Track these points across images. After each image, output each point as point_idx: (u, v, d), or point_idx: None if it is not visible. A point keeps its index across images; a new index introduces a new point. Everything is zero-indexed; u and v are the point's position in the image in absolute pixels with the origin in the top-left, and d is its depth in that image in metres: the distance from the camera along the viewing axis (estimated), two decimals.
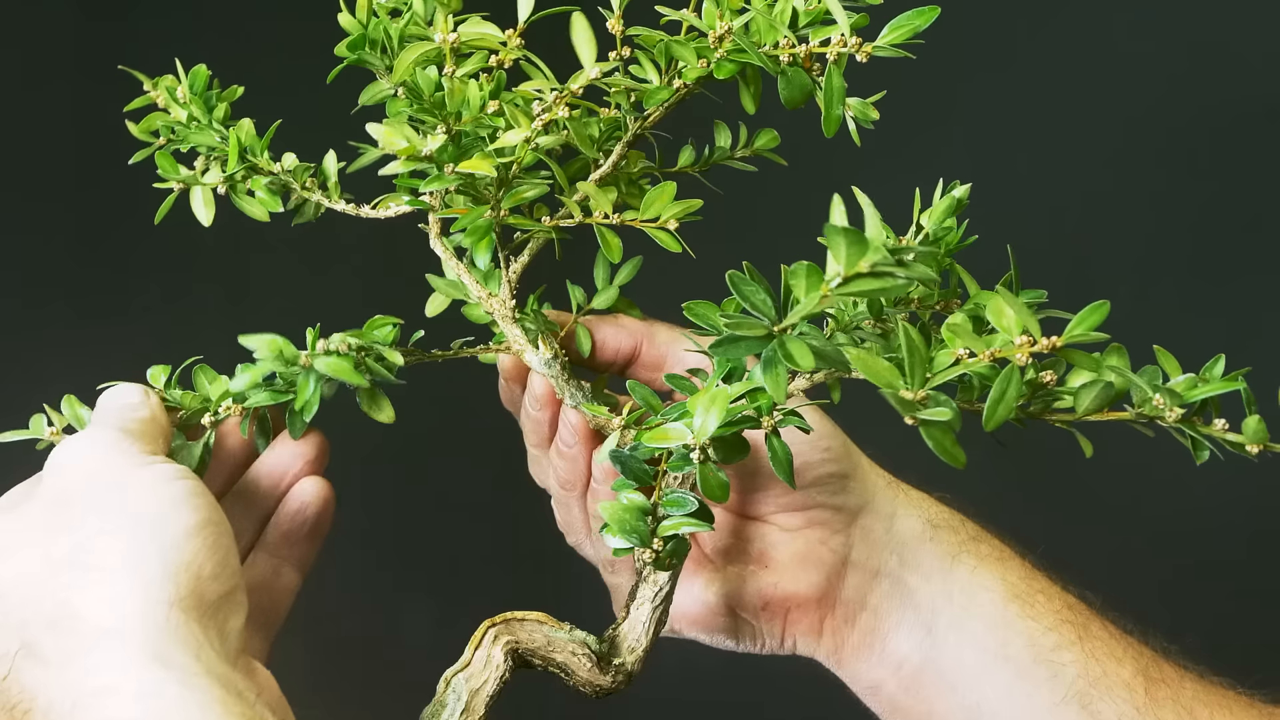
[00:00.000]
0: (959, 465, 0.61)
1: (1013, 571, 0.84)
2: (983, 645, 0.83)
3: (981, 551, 0.85)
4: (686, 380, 0.74)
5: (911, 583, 0.84)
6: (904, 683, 0.85)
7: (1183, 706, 0.80)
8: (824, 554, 0.85)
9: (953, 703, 0.83)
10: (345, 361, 0.72)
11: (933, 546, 0.85)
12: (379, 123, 0.73)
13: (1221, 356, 0.64)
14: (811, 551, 0.85)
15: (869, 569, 0.85)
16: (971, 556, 0.85)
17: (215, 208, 0.82)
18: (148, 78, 0.83)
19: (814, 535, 0.85)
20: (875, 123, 0.73)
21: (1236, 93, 1.66)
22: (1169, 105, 1.68)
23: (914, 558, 0.85)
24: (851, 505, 0.85)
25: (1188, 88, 1.67)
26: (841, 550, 0.85)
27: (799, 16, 0.74)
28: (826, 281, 0.60)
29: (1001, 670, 0.82)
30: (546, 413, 0.82)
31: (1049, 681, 0.81)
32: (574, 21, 0.75)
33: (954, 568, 0.84)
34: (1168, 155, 1.69)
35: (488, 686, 0.71)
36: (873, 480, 0.86)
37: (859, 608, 0.85)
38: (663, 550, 0.71)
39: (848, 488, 0.85)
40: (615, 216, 0.76)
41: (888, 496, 0.86)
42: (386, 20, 0.77)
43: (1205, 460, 0.63)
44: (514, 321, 0.81)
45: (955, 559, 0.84)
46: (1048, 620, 0.83)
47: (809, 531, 0.85)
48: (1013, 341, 0.61)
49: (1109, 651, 0.82)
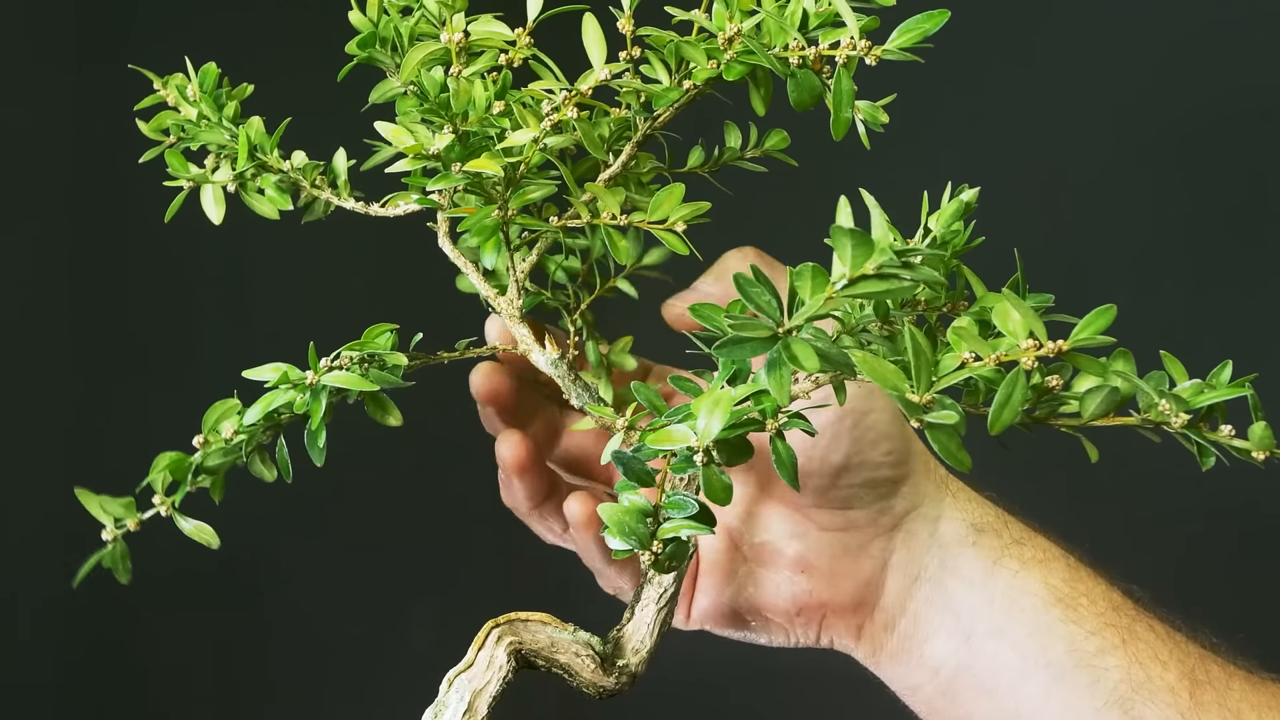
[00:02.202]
0: (964, 469, 0.61)
1: (1056, 574, 0.83)
2: (1023, 651, 0.81)
3: (1025, 555, 0.83)
4: (690, 382, 0.74)
5: (952, 588, 0.83)
6: (941, 687, 0.83)
7: (1229, 709, 0.78)
8: (863, 559, 0.84)
9: (990, 708, 0.82)
10: (352, 372, 0.73)
11: (975, 551, 0.83)
12: (390, 121, 0.73)
13: (1228, 362, 0.64)
14: (851, 557, 0.84)
15: (910, 574, 0.83)
16: (1014, 560, 0.83)
17: (225, 205, 0.83)
18: (157, 76, 0.83)
19: (855, 540, 0.84)
20: (885, 126, 0.73)
21: (1234, 93, 1.66)
22: (1167, 106, 1.68)
23: (955, 563, 0.83)
24: (900, 509, 0.83)
25: (1185, 88, 1.67)
26: (883, 555, 0.84)
27: (809, 19, 0.74)
28: (832, 283, 0.60)
29: (1041, 676, 0.81)
30: (490, 409, 0.83)
31: (1090, 687, 0.80)
32: (585, 21, 0.75)
33: (996, 572, 0.82)
34: (1166, 156, 1.68)
35: (490, 687, 0.71)
36: (924, 482, 0.84)
37: (899, 614, 0.84)
38: (662, 553, 0.71)
39: (899, 491, 0.83)
40: (623, 218, 0.76)
41: (935, 499, 0.84)
42: (397, 18, 0.78)
43: (1211, 466, 0.63)
44: (521, 321, 0.81)
45: (997, 563, 0.83)
46: (1091, 624, 0.81)
47: (849, 535, 0.84)
48: (1019, 345, 0.60)
49: (1153, 654, 0.80)
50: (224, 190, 0.82)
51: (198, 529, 0.75)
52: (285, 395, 0.74)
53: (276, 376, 0.73)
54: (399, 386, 0.76)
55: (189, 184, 0.82)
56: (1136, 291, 1.69)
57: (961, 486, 0.85)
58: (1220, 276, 1.70)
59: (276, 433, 0.77)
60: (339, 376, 0.73)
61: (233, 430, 0.75)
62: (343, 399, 0.76)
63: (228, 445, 0.75)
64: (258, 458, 0.77)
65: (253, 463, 0.77)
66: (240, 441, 0.75)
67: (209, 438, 0.75)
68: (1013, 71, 1.71)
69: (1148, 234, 1.70)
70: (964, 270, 0.75)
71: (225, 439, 0.75)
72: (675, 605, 0.77)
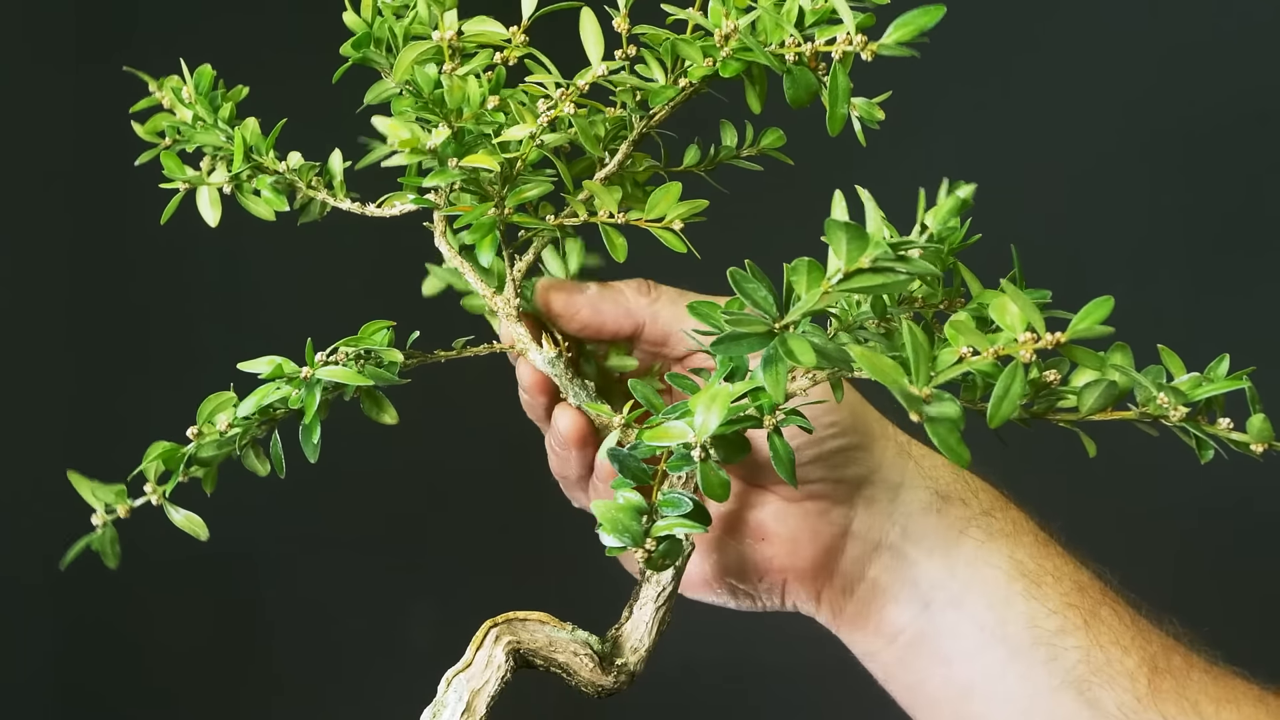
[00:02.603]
0: (964, 463, 0.61)
1: (1023, 549, 0.82)
2: (981, 623, 0.81)
3: (993, 526, 0.83)
4: (688, 379, 0.74)
5: (913, 556, 0.82)
6: (898, 654, 0.83)
7: (1187, 699, 0.79)
8: (823, 526, 0.83)
9: (944, 678, 0.82)
10: (347, 367, 0.73)
11: (938, 519, 0.82)
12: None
13: (1226, 356, 0.64)
14: (811, 525, 0.83)
15: (870, 540, 0.83)
16: (980, 531, 0.82)
17: (222, 207, 0.83)
18: (152, 78, 0.83)
19: (815, 507, 0.83)
20: (881, 122, 0.73)
21: (1230, 95, 1.66)
22: (1165, 106, 1.68)
23: (918, 530, 0.82)
24: (855, 476, 0.83)
25: (1182, 90, 1.67)
26: (843, 522, 0.83)
27: (805, 15, 0.74)
28: (828, 278, 0.60)
29: (997, 650, 0.80)
30: (542, 399, 0.82)
31: (1046, 665, 0.79)
32: (583, 17, 0.75)
33: (960, 542, 0.82)
34: (1165, 156, 1.68)
35: (489, 687, 0.71)
36: (881, 448, 0.83)
37: (857, 579, 0.84)
38: (655, 551, 0.71)
39: (853, 459, 0.82)
40: (620, 216, 0.76)
41: (897, 466, 0.83)
42: (391, 19, 0.77)
43: (1210, 460, 0.63)
44: (518, 320, 0.80)
45: (962, 533, 0.82)
46: (1053, 603, 0.80)
47: (810, 504, 0.83)
48: (1016, 339, 0.60)
49: (1115, 639, 0.80)
50: (220, 192, 0.82)
51: (188, 520, 0.75)
52: (280, 390, 0.74)
53: (271, 368, 0.73)
54: (395, 384, 0.75)
55: (185, 186, 0.82)
56: (1134, 288, 1.69)
57: (927, 452, 0.85)
58: (1219, 274, 1.70)
59: (272, 428, 0.77)
60: (334, 371, 0.73)
61: (227, 423, 0.74)
62: (339, 396, 0.76)
63: (222, 438, 0.75)
64: (252, 451, 0.77)
65: (246, 456, 0.77)
66: (235, 434, 0.75)
67: (203, 429, 0.74)
68: (1014, 69, 1.71)
69: (1147, 231, 1.70)
70: (960, 267, 0.75)
71: (220, 431, 0.75)
72: (674, 604, 0.77)
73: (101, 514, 0.75)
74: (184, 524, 0.76)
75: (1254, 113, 1.66)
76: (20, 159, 1.53)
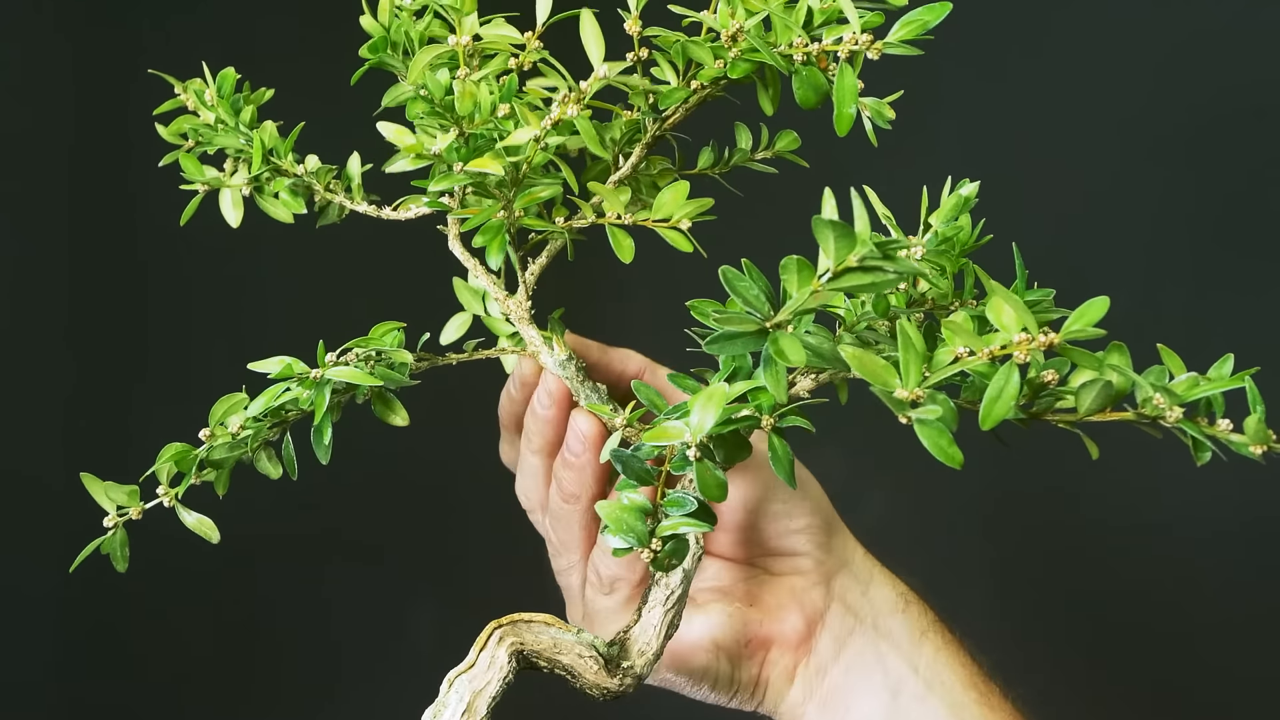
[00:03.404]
0: (955, 465, 0.60)
1: (969, 666, 0.87)
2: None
3: (945, 636, 0.88)
4: (690, 380, 0.74)
5: (883, 648, 0.87)
6: None
7: None
8: (806, 601, 0.87)
9: None
10: (357, 368, 0.74)
11: (904, 619, 0.88)
12: (403, 124, 0.74)
13: (1230, 356, 0.63)
14: (796, 598, 0.87)
15: (845, 627, 0.87)
16: (938, 636, 0.88)
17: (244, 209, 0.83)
18: (178, 80, 0.84)
19: (797, 583, 0.88)
20: (892, 122, 0.73)
21: (1228, 91, 1.64)
22: (1164, 107, 1.66)
23: (886, 625, 0.87)
24: (832, 563, 0.88)
25: (1180, 88, 1.65)
26: (819, 604, 0.87)
27: (814, 15, 0.74)
28: (818, 276, 0.59)
29: None
30: (557, 411, 0.82)
31: None
32: (582, 19, 0.75)
33: (922, 643, 0.87)
34: (1164, 157, 1.66)
35: (490, 688, 0.71)
36: (852, 546, 0.89)
37: (830, 661, 0.87)
38: (661, 550, 0.71)
39: (830, 544, 0.88)
40: (628, 217, 0.75)
41: (865, 565, 0.89)
42: (408, 22, 0.78)
43: (1207, 461, 0.62)
44: (530, 323, 0.81)
45: (924, 634, 0.87)
46: (1002, 716, 0.86)
47: (793, 579, 0.88)
48: (1012, 339, 0.60)
49: None
50: (240, 194, 0.83)
51: (200, 522, 0.76)
52: (291, 391, 0.74)
53: (280, 368, 0.74)
54: (405, 385, 0.76)
55: (204, 188, 0.83)
56: (1142, 288, 1.67)
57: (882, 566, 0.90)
58: (1228, 274, 1.68)
59: (284, 430, 0.77)
60: (343, 372, 0.73)
61: (239, 425, 0.75)
62: (351, 398, 0.77)
63: (234, 440, 0.75)
64: (264, 454, 0.77)
65: (258, 458, 0.77)
66: (246, 436, 0.75)
67: (215, 431, 0.75)
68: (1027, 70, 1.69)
69: (1156, 231, 1.69)
70: (973, 267, 0.74)
71: (232, 434, 0.75)
72: (683, 607, 0.76)
73: (113, 515, 0.76)
74: (196, 526, 0.76)
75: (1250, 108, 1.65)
76: (20, 159, 1.55)
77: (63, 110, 1.56)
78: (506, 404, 0.87)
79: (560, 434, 0.83)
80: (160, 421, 0.82)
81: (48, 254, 1.57)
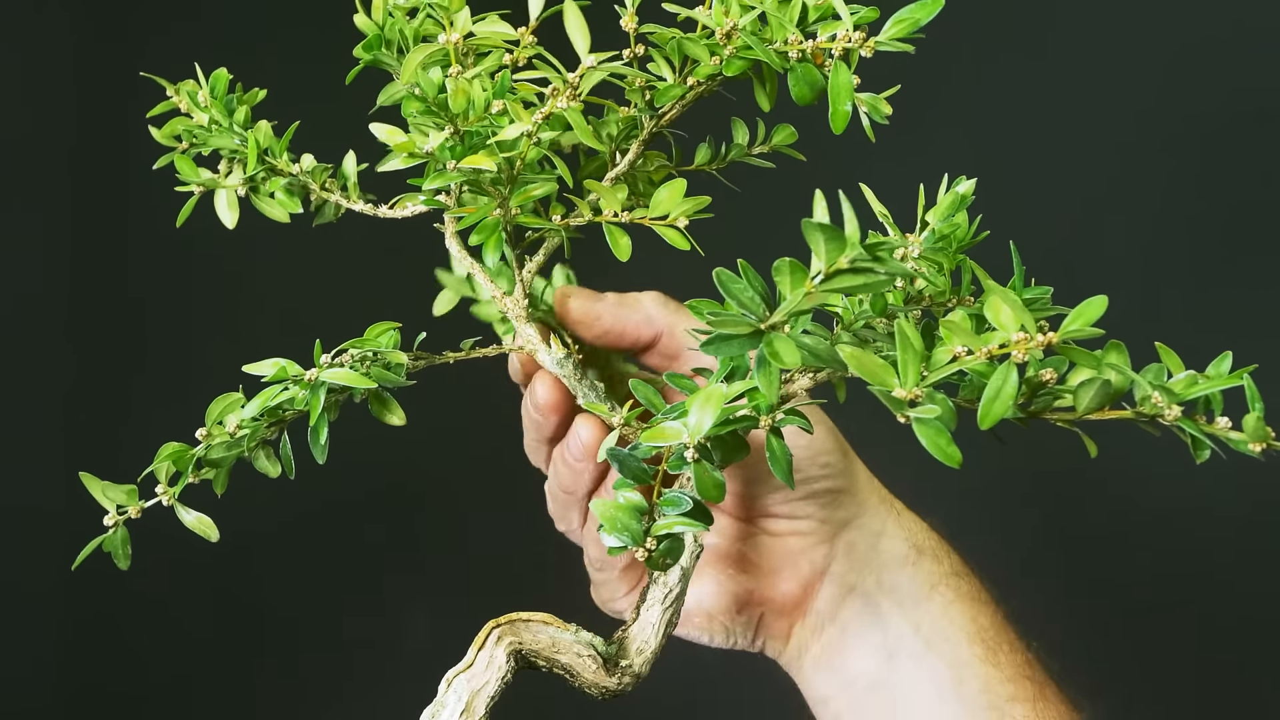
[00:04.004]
0: (954, 464, 0.60)
1: (984, 615, 0.84)
2: (939, 679, 0.83)
3: (960, 588, 0.85)
4: (688, 380, 0.73)
5: (884, 606, 0.84)
6: (852, 701, 0.85)
7: None
8: (804, 563, 0.85)
9: None
10: (353, 369, 0.74)
11: (913, 572, 0.85)
12: (398, 122, 0.74)
13: (1228, 354, 0.63)
14: (793, 560, 0.85)
15: (846, 584, 0.85)
16: (949, 590, 0.84)
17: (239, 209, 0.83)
18: (170, 83, 0.84)
19: (796, 544, 0.85)
20: (890, 119, 0.72)
21: (1229, 93, 1.64)
22: (1164, 106, 1.66)
23: (892, 581, 0.85)
24: (840, 518, 0.85)
25: (1181, 88, 1.65)
26: (822, 563, 0.85)
27: (809, 12, 0.74)
28: (810, 278, 0.59)
29: (950, 707, 0.82)
30: (552, 419, 0.82)
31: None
32: (566, 11, 0.74)
33: (930, 597, 0.84)
34: (1164, 157, 1.66)
35: (489, 688, 0.71)
36: (865, 495, 0.85)
37: (828, 620, 0.85)
38: (655, 550, 0.71)
39: (840, 501, 0.84)
40: (624, 214, 0.75)
41: (879, 514, 0.85)
42: (402, 21, 0.78)
43: (1206, 459, 0.62)
44: (527, 320, 0.80)
45: (934, 589, 0.84)
46: (1008, 670, 0.83)
47: (792, 540, 0.85)
48: (1010, 338, 0.59)
49: (1058, 714, 0.82)
50: (236, 194, 0.83)
51: (199, 521, 0.75)
52: (287, 391, 0.74)
53: (274, 371, 0.73)
54: (400, 385, 0.76)
55: (199, 189, 0.83)
56: (1141, 289, 1.67)
57: (904, 508, 0.87)
58: (1230, 273, 1.68)
59: (281, 429, 0.77)
60: (338, 373, 0.73)
61: (236, 424, 0.75)
62: (349, 397, 0.76)
63: (231, 439, 0.75)
64: (262, 453, 0.77)
65: (256, 458, 0.77)
66: (243, 436, 0.75)
67: (212, 431, 0.75)
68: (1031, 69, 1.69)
69: (1157, 230, 1.68)
70: (972, 265, 0.74)
71: (229, 433, 0.75)
72: (681, 606, 0.76)
73: (114, 514, 0.76)
74: (195, 525, 0.76)
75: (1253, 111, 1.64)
76: (20, 160, 1.54)
77: (63, 111, 1.55)
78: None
79: (556, 434, 0.82)
80: (159, 420, 0.82)
81: (48, 254, 1.57)
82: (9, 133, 1.54)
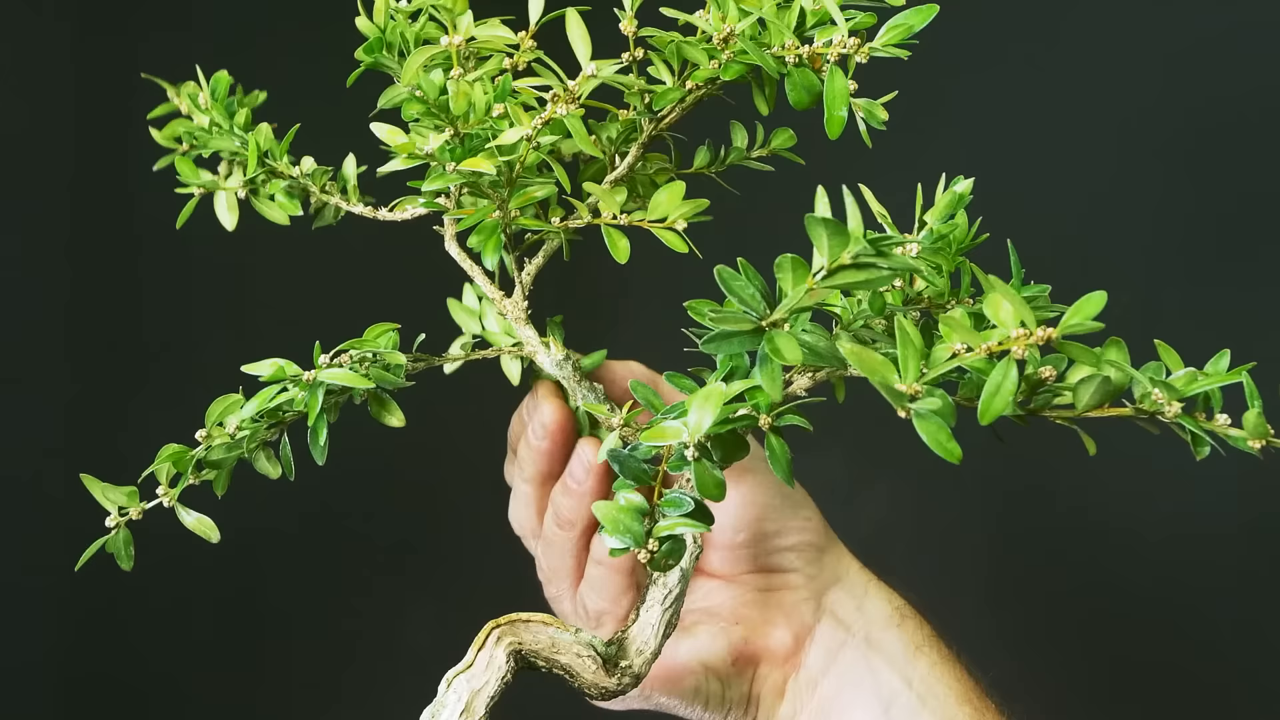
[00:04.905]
0: (954, 460, 0.60)
1: (964, 681, 0.86)
2: None
3: (941, 651, 0.87)
4: (687, 380, 0.73)
5: (875, 661, 0.86)
6: None
7: None
8: (794, 616, 0.87)
9: None
10: (352, 369, 0.74)
11: (899, 633, 0.86)
12: (399, 125, 0.74)
13: (1226, 352, 0.63)
14: (784, 611, 0.87)
15: (837, 639, 0.86)
16: (933, 651, 0.86)
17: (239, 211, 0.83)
18: (170, 84, 0.84)
19: (788, 597, 0.87)
20: (887, 124, 0.73)
21: (1231, 93, 1.64)
22: (1163, 106, 1.66)
23: (880, 639, 0.86)
24: (824, 578, 0.87)
25: (1181, 88, 1.65)
26: (811, 618, 0.87)
27: (806, 17, 0.74)
28: (812, 274, 0.59)
29: None
30: (550, 444, 0.82)
31: None
32: (568, 19, 0.74)
33: (917, 658, 0.86)
34: (1165, 156, 1.67)
35: (489, 688, 0.71)
36: (846, 562, 0.88)
37: (822, 674, 0.86)
38: (658, 551, 0.71)
39: (822, 561, 0.87)
40: (623, 217, 0.75)
41: (859, 580, 0.88)
42: (404, 24, 0.78)
43: (1205, 456, 0.62)
44: (527, 323, 0.81)
45: (919, 649, 0.86)
46: None
47: (782, 594, 0.87)
48: (1009, 335, 0.60)
49: None
50: (235, 196, 0.83)
51: (199, 521, 0.75)
52: (286, 392, 0.74)
53: (273, 371, 0.74)
54: (399, 386, 0.76)
55: (200, 190, 0.83)
56: (1144, 290, 1.67)
57: (879, 580, 0.89)
58: (1229, 272, 1.68)
59: (281, 430, 0.77)
60: (336, 374, 0.73)
61: (236, 425, 0.75)
62: (349, 399, 0.77)
63: (231, 440, 0.75)
64: (262, 454, 0.77)
65: (256, 459, 0.77)
66: (243, 437, 0.75)
67: (212, 432, 0.75)
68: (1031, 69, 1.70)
69: (1158, 228, 1.69)
70: (970, 266, 0.74)
71: (229, 434, 0.75)
72: (681, 606, 0.76)
73: (115, 516, 0.76)
74: (195, 526, 0.76)
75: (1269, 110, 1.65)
76: (20, 160, 1.54)
77: (63, 111, 1.55)
78: (518, 428, 0.87)
79: (553, 466, 0.83)
80: (160, 421, 0.82)
81: (47, 254, 1.57)
82: (9, 132, 1.54)
